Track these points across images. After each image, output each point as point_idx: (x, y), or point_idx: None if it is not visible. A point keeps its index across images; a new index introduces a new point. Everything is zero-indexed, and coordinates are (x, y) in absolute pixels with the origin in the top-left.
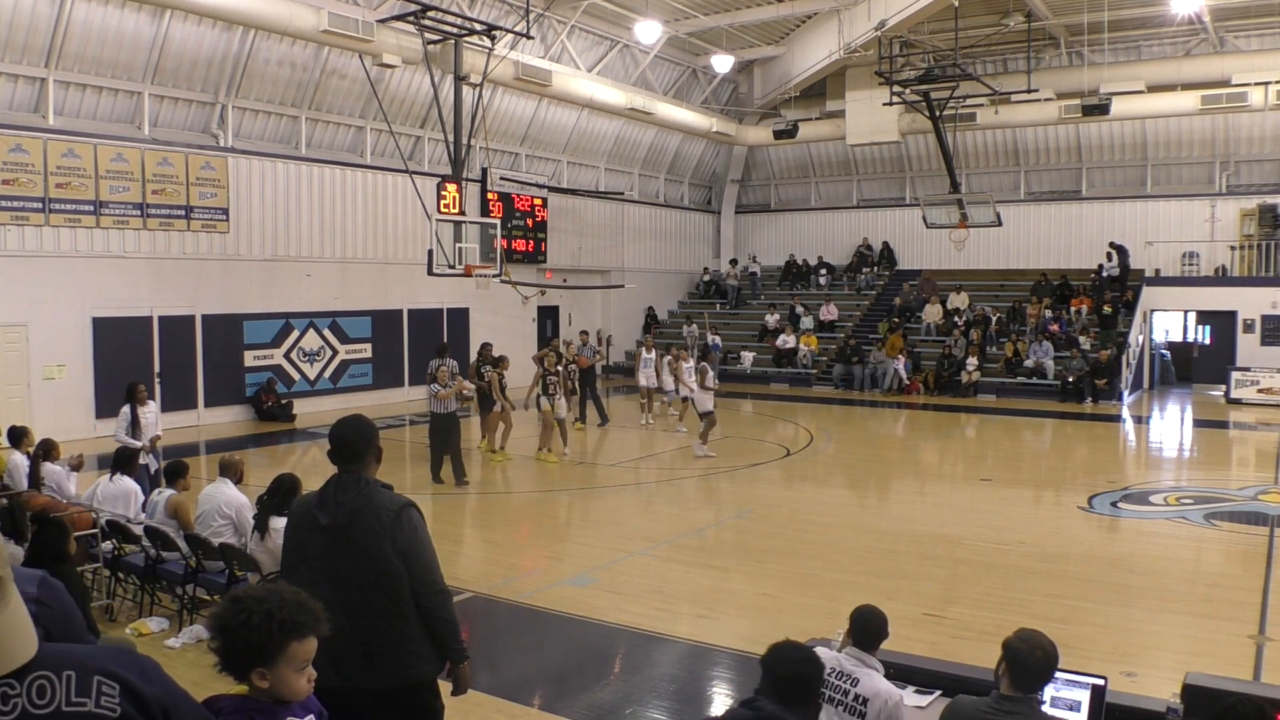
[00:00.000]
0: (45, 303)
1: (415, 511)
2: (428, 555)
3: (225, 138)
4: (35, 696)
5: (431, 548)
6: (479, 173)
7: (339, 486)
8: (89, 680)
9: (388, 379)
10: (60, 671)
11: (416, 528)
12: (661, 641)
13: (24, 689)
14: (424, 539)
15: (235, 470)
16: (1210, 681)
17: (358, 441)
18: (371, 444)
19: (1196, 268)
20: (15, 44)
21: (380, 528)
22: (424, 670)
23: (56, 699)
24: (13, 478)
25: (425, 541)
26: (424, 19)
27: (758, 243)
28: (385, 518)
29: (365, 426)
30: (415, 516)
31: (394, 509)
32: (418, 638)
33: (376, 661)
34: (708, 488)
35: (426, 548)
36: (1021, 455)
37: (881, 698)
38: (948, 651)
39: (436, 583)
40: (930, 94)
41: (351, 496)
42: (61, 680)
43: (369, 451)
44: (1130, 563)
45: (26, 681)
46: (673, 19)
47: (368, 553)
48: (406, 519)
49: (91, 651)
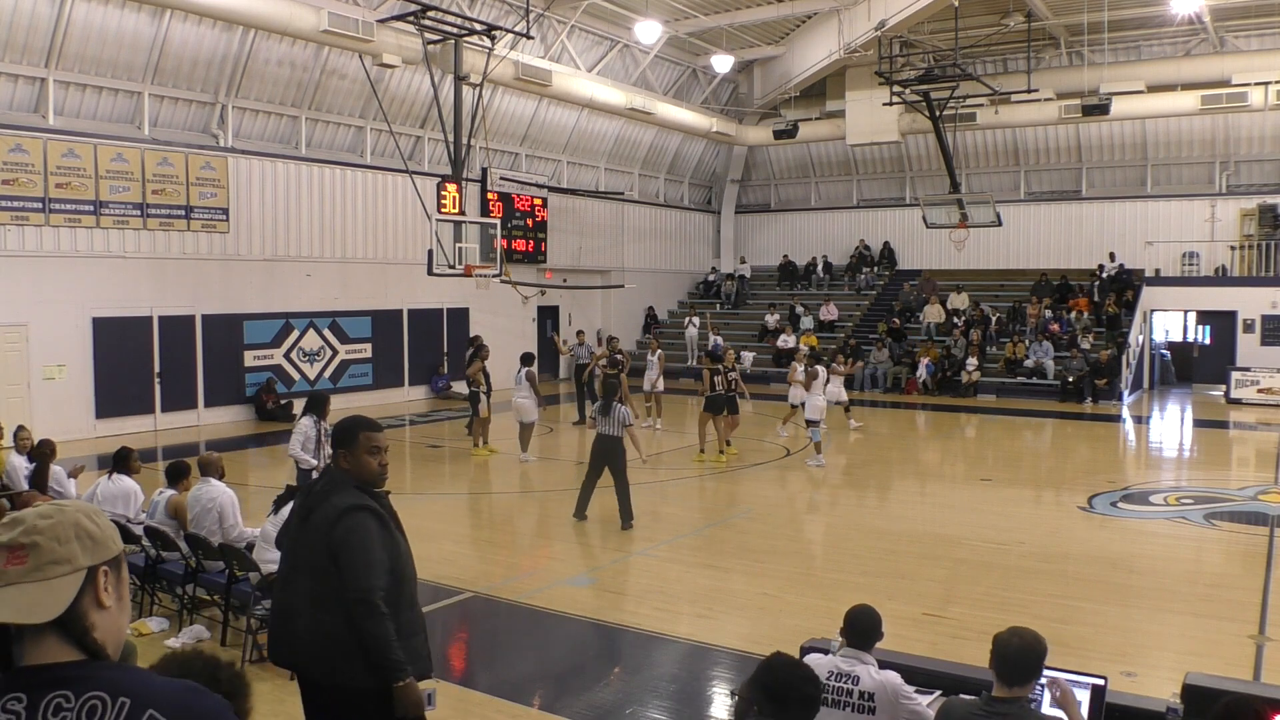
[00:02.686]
0: (45, 303)
1: (363, 515)
2: (359, 561)
3: (225, 138)
4: (85, 715)
5: (369, 555)
6: (479, 173)
7: (323, 474)
8: (140, 713)
9: (388, 379)
10: (116, 696)
11: (353, 531)
12: (661, 641)
13: (76, 704)
14: (360, 544)
15: (216, 468)
16: (1210, 681)
17: (340, 429)
18: (353, 434)
19: (1196, 268)
20: (15, 44)
21: (325, 523)
22: (354, 678)
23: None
24: (12, 478)
25: (360, 546)
26: (424, 19)
27: (757, 243)
28: (331, 514)
29: (354, 419)
30: (359, 520)
31: (341, 508)
32: (349, 642)
33: (322, 656)
34: (708, 488)
35: (360, 553)
36: (1021, 455)
37: (886, 688)
38: (948, 651)
39: (361, 591)
40: (930, 94)
41: (323, 484)
42: (114, 706)
43: (351, 440)
44: (1130, 563)
45: (80, 699)
46: (673, 19)
47: (314, 545)
48: (347, 519)
49: (156, 684)
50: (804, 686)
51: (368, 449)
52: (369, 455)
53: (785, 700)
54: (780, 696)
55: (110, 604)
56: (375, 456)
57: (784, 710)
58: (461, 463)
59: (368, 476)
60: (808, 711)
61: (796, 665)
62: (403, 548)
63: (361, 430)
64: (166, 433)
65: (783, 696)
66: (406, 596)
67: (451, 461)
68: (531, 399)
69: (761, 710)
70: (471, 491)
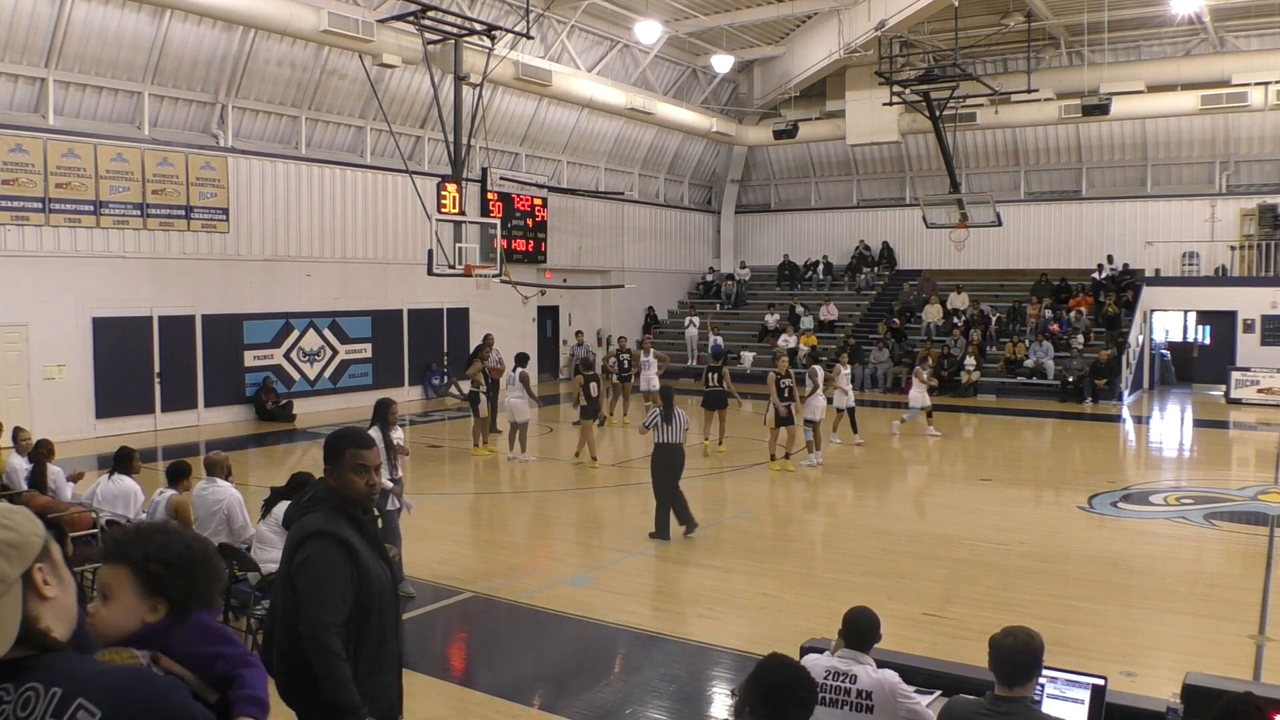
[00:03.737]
0: (45, 303)
1: (325, 543)
2: (313, 593)
3: (225, 138)
4: (20, 708)
5: (324, 587)
6: (479, 173)
7: (309, 488)
8: (69, 703)
9: (388, 379)
10: (49, 687)
11: (312, 559)
12: (661, 641)
13: (14, 696)
14: (316, 574)
15: (222, 468)
16: (1210, 681)
17: (327, 444)
18: (339, 450)
19: (1196, 268)
20: (15, 44)
21: (291, 543)
22: (306, 704)
23: (35, 715)
24: (11, 479)
25: (316, 577)
26: (424, 19)
27: (757, 243)
28: (298, 535)
29: (342, 433)
30: (320, 548)
31: (307, 531)
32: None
33: (282, 671)
34: (708, 488)
35: (314, 584)
36: (1021, 455)
37: (883, 686)
38: (948, 651)
39: (311, 625)
40: (930, 94)
41: (307, 498)
42: (46, 696)
43: (337, 457)
44: (1130, 563)
45: (19, 690)
46: (673, 19)
47: (285, 561)
48: (309, 545)
49: (93, 672)
50: (796, 690)
51: (353, 467)
52: (354, 474)
53: (778, 704)
54: (773, 700)
55: (53, 593)
56: (362, 476)
57: (777, 714)
58: (462, 463)
59: (353, 496)
60: (802, 715)
61: (790, 668)
62: (376, 578)
63: (348, 447)
64: (166, 433)
65: (776, 700)
66: (374, 632)
67: (451, 461)
68: (524, 399)
69: (754, 712)
70: (471, 491)
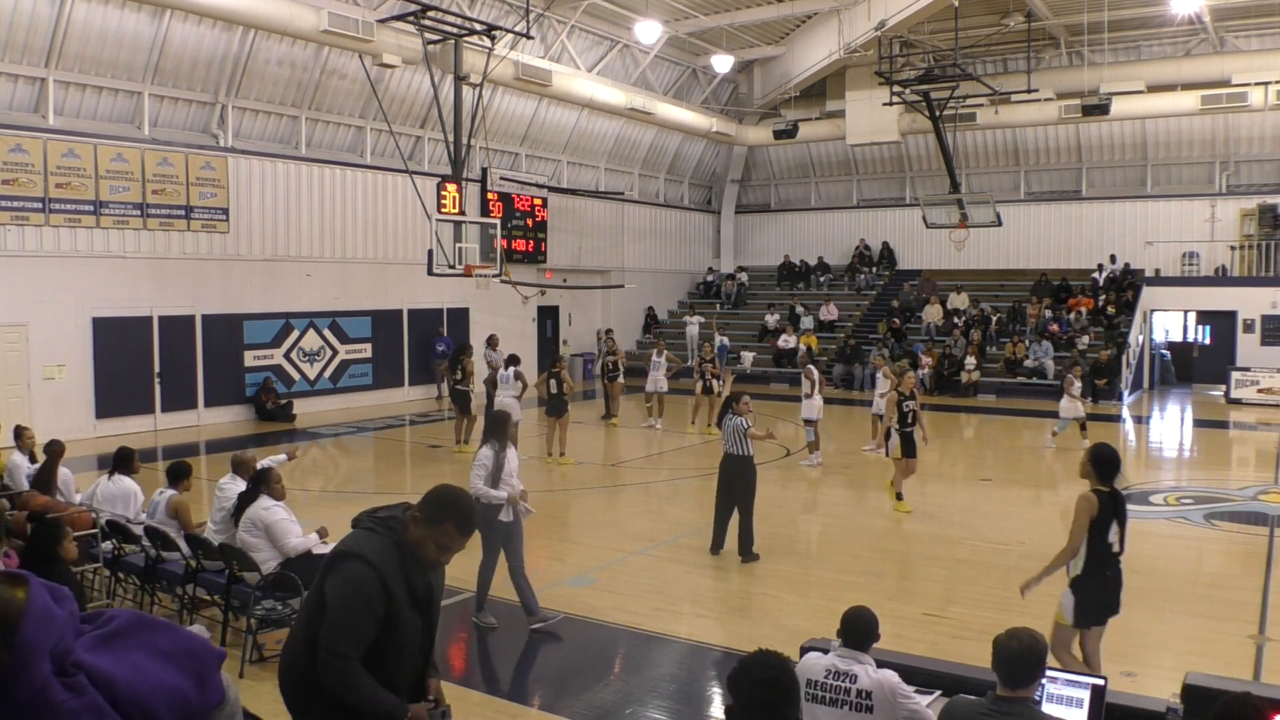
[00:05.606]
0: (45, 303)
1: (366, 573)
2: (339, 618)
3: (225, 138)
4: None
5: (350, 619)
6: (479, 173)
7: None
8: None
9: (388, 379)
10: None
11: (348, 583)
12: (661, 641)
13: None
14: (346, 601)
15: (247, 468)
16: (1210, 681)
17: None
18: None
19: (1196, 268)
20: (15, 44)
21: (336, 552)
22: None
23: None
24: (12, 477)
25: (347, 604)
26: (424, 19)
27: (757, 243)
28: (349, 545)
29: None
30: (360, 575)
31: (358, 550)
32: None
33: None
34: (708, 488)
35: (344, 610)
36: (1021, 455)
37: (883, 686)
38: (948, 651)
39: (329, 652)
40: (930, 94)
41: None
42: None
43: (437, 521)
44: (1130, 563)
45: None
46: (673, 19)
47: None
48: (354, 568)
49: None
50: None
51: (440, 542)
52: (436, 545)
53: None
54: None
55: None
56: (442, 553)
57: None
58: (461, 463)
59: (419, 556)
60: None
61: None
62: (405, 631)
63: (453, 522)
64: (166, 433)
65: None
66: (385, 678)
67: (451, 462)
68: (517, 399)
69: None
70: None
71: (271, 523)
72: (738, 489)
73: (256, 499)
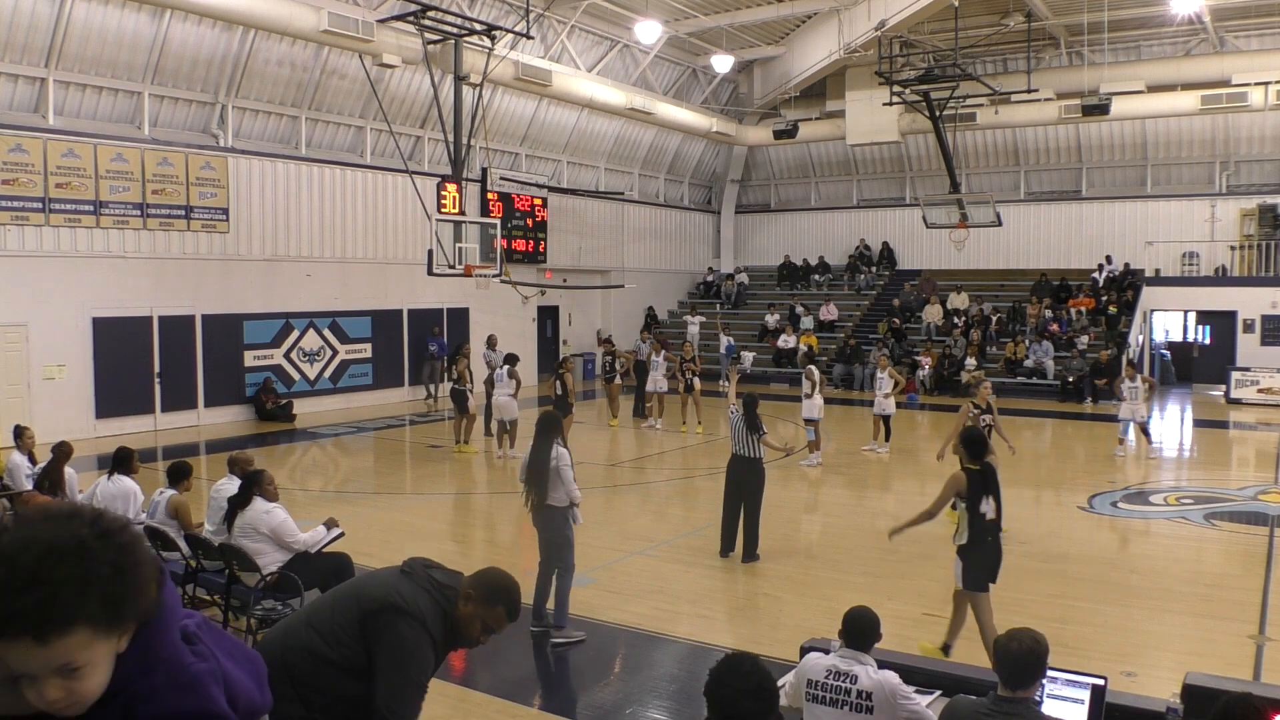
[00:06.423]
0: (45, 303)
1: (422, 637)
2: (400, 678)
3: (225, 138)
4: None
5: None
6: (479, 173)
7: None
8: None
9: (388, 379)
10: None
11: (406, 643)
12: (661, 641)
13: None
14: (405, 661)
15: (240, 468)
16: (1210, 681)
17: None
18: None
19: (1196, 268)
20: (15, 44)
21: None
22: None
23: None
24: (13, 477)
25: (405, 664)
26: (424, 19)
27: (757, 243)
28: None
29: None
30: (417, 637)
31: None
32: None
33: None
34: (708, 488)
35: (402, 670)
36: (1021, 455)
37: (884, 687)
38: None
39: (396, 713)
40: (930, 94)
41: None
42: None
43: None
44: (1130, 563)
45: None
46: (673, 19)
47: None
48: (408, 624)
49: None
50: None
51: (488, 624)
52: (481, 625)
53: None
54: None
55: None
56: (485, 634)
57: None
58: (462, 463)
59: (460, 632)
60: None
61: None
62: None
63: (505, 606)
64: (166, 433)
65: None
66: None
67: (451, 461)
68: (514, 397)
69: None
70: (471, 491)
71: (276, 525)
72: (747, 490)
73: (250, 503)
